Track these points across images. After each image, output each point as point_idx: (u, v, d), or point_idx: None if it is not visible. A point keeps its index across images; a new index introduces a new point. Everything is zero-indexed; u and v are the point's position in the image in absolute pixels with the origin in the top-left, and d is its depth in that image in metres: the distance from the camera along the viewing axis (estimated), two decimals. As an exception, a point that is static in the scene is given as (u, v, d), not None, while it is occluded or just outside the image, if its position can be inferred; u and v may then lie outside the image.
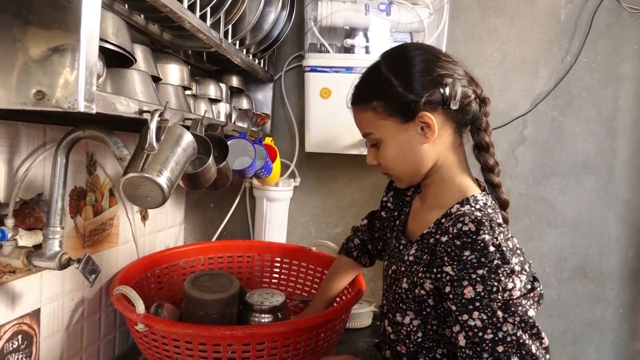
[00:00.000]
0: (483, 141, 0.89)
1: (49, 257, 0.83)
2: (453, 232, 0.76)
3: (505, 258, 0.74)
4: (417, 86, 0.85)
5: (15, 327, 0.91)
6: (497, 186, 0.89)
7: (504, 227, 0.79)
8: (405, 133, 0.87)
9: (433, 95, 0.85)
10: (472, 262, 0.74)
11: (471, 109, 0.88)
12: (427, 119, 0.85)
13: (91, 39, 0.58)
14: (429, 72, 0.85)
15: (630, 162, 1.67)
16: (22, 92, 0.58)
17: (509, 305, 0.73)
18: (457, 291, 0.74)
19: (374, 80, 0.90)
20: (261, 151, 1.31)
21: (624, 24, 1.64)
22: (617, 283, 1.71)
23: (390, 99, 0.86)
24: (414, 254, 0.87)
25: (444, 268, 0.76)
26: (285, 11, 1.45)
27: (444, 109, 0.86)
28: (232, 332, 0.92)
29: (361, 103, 0.91)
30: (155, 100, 0.89)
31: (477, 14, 1.67)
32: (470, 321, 0.73)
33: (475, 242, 0.74)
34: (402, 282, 0.87)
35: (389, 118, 0.87)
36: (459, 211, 0.83)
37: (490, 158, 0.89)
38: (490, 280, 0.73)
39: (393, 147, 0.89)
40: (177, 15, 0.84)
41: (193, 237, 1.77)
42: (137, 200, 0.76)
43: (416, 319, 0.85)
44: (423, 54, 0.88)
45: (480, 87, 0.91)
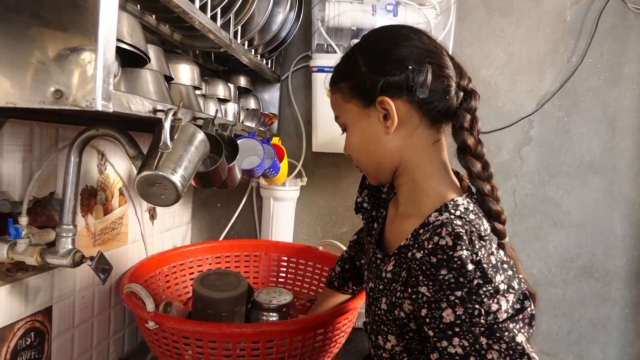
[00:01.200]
0: (464, 141, 0.75)
1: (62, 254, 0.84)
2: (429, 247, 0.66)
3: (487, 276, 0.64)
4: (382, 67, 0.76)
5: (28, 324, 0.92)
6: (487, 194, 0.75)
7: (487, 239, 0.68)
8: (367, 119, 0.79)
9: (395, 78, 0.75)
10: (449, 283, 0.64)
11: (446, 101, 0.76)
12: (386, 105, 0.75)
13: (109, 39, 0.58)
14: (398, 53, 0.76)
15: (636, 162, 1.67)
16: (40, 91, 0.59)
17: (493, 330, 0.63)
18: (435, 314, 0.65)
19: (345, 60, 0.83)
20: (269, 151, 1.32)
21: (629, 25, 1.64)
22: (623, 283, 1.71)
23: (353, 79, 0.79)
24: (391, 270, 0.76)
25: (420, 288, 0.66)
26: (293, 12, 1.46)
27: (409, 96, 0.75)
28: (242, 329, 0.93)
29: (332, 84, 0.85)
30: (168, 99, 0.90)
31: (484, 15, 1.67)
32: (450, 348, 0.64)
33: (452, 259, 0.64)
34: (381, 303, 0.77)
35: (351, 101, 0.80)
36: (437, 220, 0.71)
37: (476, 162, 0.76)
38: (471, 302, 0.63)
39: (356, 133, 0.81)
40: (189, 15, 0.85)
41: (200, 237, 1.78)
42: (151, 198, 0.76)
43: (398, 345, 0.76)
44: (399, 35, 0.78)
45: (468, 78, 0.79)
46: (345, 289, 1.16)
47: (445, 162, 0.80)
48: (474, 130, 0.76)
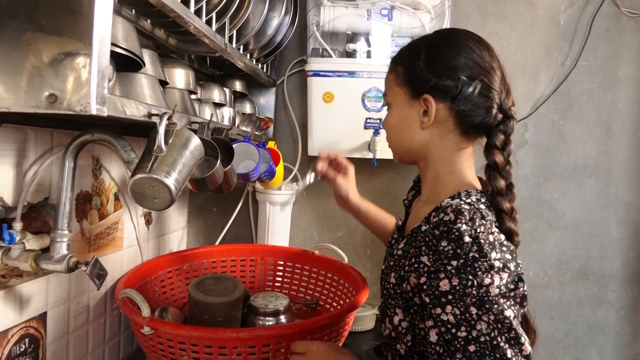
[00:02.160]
0: (493, 160, 0.81)
1: (57, 260, 0.84)
2: (433, 221, 0.74)
3: (483, 251, 0.69)
4: (437, 69, 0.82)
5: (22, 330, 0.91)
6: (505, 212, 0.78)
7: (489, 220, 0.74)
8: (409, 108, 0.86)
9: (445, 83, 0.81)
10: (447, 253, 0.70)
11: (484, 118, 0.82)
12: (428, 103, 0.83)
13: (103, 43, 0.58)
14: (455, 61, 0.82)
15: (631, 165, 1.68)
16: (34, 96, 0.59)
17: (483, 302, 0.68)
18: (433, 283, 0.70)
19: (410, 48, 0.90)
20: (265, 155, 1.32)
21: (622, 28, 1.66)
22: (619, 285, 1.71)
23: (410, 69, 0.86)
24: (402, 248, 0.84)
25: (421, 258, 0.73)
26: (289, 16, 1.46)
27: (451, 103, 0.82)
28: (238, 334, 0.93)
29: (392, 63, 0.92)
30: (163, 104, 0.90)
31: (478, 19, 1.68)
32: (443, 315, 0.69)
33: (451, 231, 0.70)
34: (391, 277, 0.84)
35: (402, 86, 0.87)
36: (447, 204, 0.78)
37: (500, 180, 0.80)
38: (466, 273, 0.68)
39: (396, 115, 0.90)
40: (184, 20, 0.85)
41: (196, 241, 1.78)
42: (144, 201, 0.76)
43: (404, 320, 0.81)
44: (465, 45, 0.83)
45: (512, 102, 0.84)
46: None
47: (468, 167, 0.87)
48: (505, 151, 0.82)
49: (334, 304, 1.37)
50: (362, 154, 1.55)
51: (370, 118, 1.51)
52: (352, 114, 1.51)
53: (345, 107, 1.51)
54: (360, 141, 1.52)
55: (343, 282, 1.35)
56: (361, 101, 1.50)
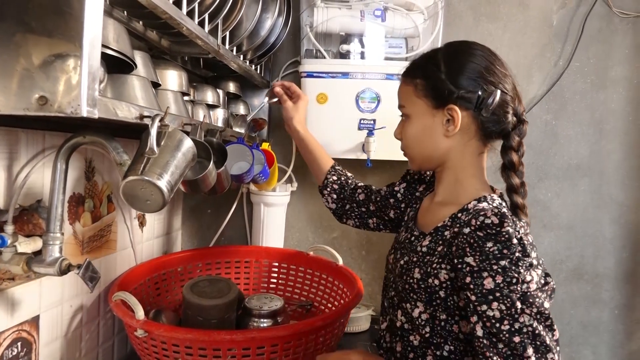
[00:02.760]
0: (510, 160, 0.89)
1: (49, 263, 0.83)
2: (476, 224, 0.78)
3: (526, 251, 0.76)
4: (460, 80, 0.88)
5: (15, 334, 0.91)
6: (520, 208, 0.87)
7: (525, 222, 0.85)
8: (432, 118, 0.91)
9: (469, 94, 0.87)
10: (494, 254, 0.75)
11: (503, 123, 0.89)
12: (454, 113, 0.88)
13: (94, 45, 0.58)
14: (476, 73, 0.88)
15: (623, 165, 1.69)
16: (24, 98, 0.58)
17: (526, 297, 0.74)
18: (478, 282, 0.76)
19: (427, 60, 0.94)
20: (259, 156, 1.32)
21: (615, 29, 1.67)
22: (613, 284, 1.72)
23: (431, 81, 0.91)
24: (427, 245, 0.89)
25: (466, 259, 0.78)
26: (282, 18, 1.46)
27: (474, 111, 0.88)
28: (232, 336, 0.93)
29: (408, 76, 0.96)
30: (155, 105, 0.89)
31: (471, 20, 1.69)
32: (489, 311, 0.75)
33: (500, 233, 0.76)
34: (414, 272, 0.88)
35: (423, 98, 0.92)
36: (477, 207, 0.85)
37: (516, 178, 0.89)
38: (511, 271, 0.75)
39: (417, 126, 0.94)
40: (177, 21, 0.84)
41: (191, 243, 1.77)
42: (137, 204, 0.76)
43: (425, 312, 0.86)
44: (480, 55, 0.90)
45: (523, 107, 0.92)
46: (328, 197, 1.26)
47: (484, 171, 0.94)
48: (519, 152, 0.90)
49: (328, 305, 1.37)
50: (357, 155, 1.55)
51: (364, 119, 1.51)
52: (346, 115, 1.51)
53: (339, 108, 1.51)
54: (355, 142, 1.52)
55: (338, 284, 1.35)
56: (355, 102, 1.50)
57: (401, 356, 0.91)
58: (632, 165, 1.69)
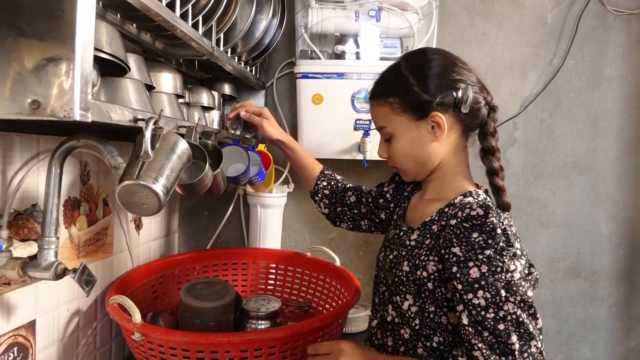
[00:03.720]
0: (490, 145, 0.94)
1: (45, 267, 0.83)
2: (462, 215, 0.82)
3: (510, 241, 0.80)
4: (432, 87, 0.91)
5: (11, 339, 0.90)
6: (501, 189, 0.93)
7: (508, 215, 0.88)
8: (417, 130, 0.94)
9: (446, 98, 0.91)
10: (479, 243, 0.79)
11: (480, 114, 0.94)
12: (438, 119, 0.91)
13: (86, 48, 0.58)
14: (445, 76, 0.92)
15: (619, 162, 1.69)
16: (17, 102, 0.58)
17: (510, 285, 0.77)
18: (464, 271, 0.79)
19: (393, 78, 0.97)
20: (255, 158, 1.31)
21: (609, 27, 1.67)
22: (610, 282, 1.72)
23: (406, 96, 0.93)
24: (415, 239, 0.92)
25: (452, 249, 0.81)
26: (276, 19, 1.46)
27: (454, 111, 0.92)
28: (229, 338, 0.92)
29: (379, 98, 0.98)
30: (150, 108, 0.89)
31: (466, 19, 1.69)
32: (475, 300, 0.78)
33: (485, 224, 0.79)
34: (403, 265, 0.91)
35: (403, 114, 0.94)
36: (463, 201, 0.89)
37: (496, 162, 0.94)
38: (496, 260, 0.78)
39: (404, 142, 0.96)
40: (170, 24, 0.84)
41: (187, 246, 1.77)
42: (132, 208, 0.75)
43: (414, 305, 0.89)
44: (441, 59, 0.94)
45: (491, 95, 0.97)
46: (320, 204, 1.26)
47: (468, 165, 0.99)
48: (495, 136, 0.95)
49: (326, 306, 1.37)
50: (353, 155, 1.55)
51: (360, 119, 1.51)
52: (341, 116, 1.51)
53: (335, 109, 1.51)
54: (350, 142, 1.52)
55: (335, 284, 1.35)
56: (351, 102, 1.50)
57: (392, 350, 0.93)
58: (627, 162, 1.69)
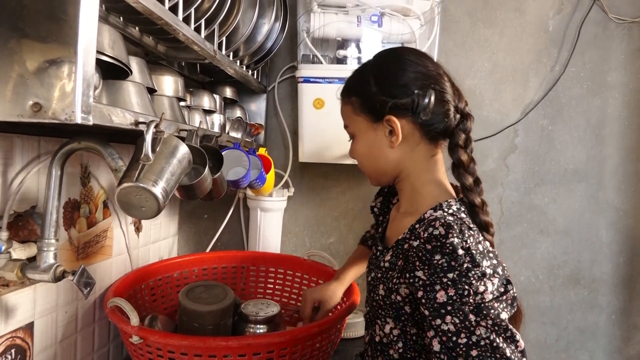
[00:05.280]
0: (458, 158, 0.86)
1: (44, 269, 0.83)
2: (424, 236, 0.75)
3: (475, 261, 0.73)
4: (391, 90, 0.86)
5: (9, 341, 0.90)
6: (478, 207, 0.84)
7: (475, 230, 0.79)
8: (374, 133, 0.89)
9: (402, 100, 0.85)
10: (442, 266, 0.73)
11: (445, 123, 0.86)
12: (392, 123, 0.86)
13: (88, 51, 0.58)
14: (408, 79, 0.85)
15: (620, 170, 1.69)
16: (18, 104, 0.58)
17: (480, 309, 0.71)
18: (430, 296, 0.73)
19: (358, 76, 0.93)
20: (255, 161, 1.31)
21: (610, 34, 1.67)
22: (609, 289, 1.72)
23: (364, 97, 0.89)
24: (389, 260, 0.87)
25: (416, 273, 0.75)
26: (279, 23, 1.47)
27: (413, 116, 0.85)
28: (227, 343, 0.92)
29: (344, 96, 0.95)
30: (151, 111, 0.89)
31: (468, 25, 1.69)
32: (444, 325, 0.72)
33: (444, 245, 0.73)
34: (379, 289, 0.87)
35: (361, 115, 0.90)
36: (431, 216, 0.82)
37: (468, 177, 0.85)
38: (461, 283, 0.72)
39: (363, 143, 0.92)
40: (172, 27, 0.84)
41: (187, 249, 1.77)
42: (132, 210, 0.75)
43: (395, 328, 0.85)
44: (410, 60, 0.87)
45: (465, 101, 0.89)
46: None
47: (441, 173, 0.91)
48: (467, 148, 0.87)
49: (325, 311, 1.37)
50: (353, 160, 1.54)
51: (361, 124, 1.51)
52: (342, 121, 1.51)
53: (336, 114, 1.48)
54: (351, 147, 1.52)
55: (334, 289, 1.34)
56: (352, 107, 1.50)
57: None
58: (628, 170, 1.69)
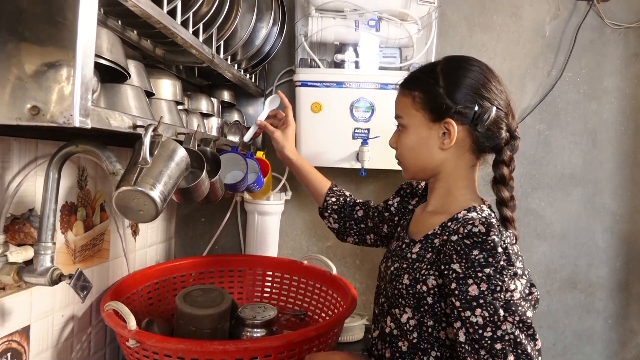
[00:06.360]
0: (502, 174, 0.91)
1: (40, 272, 0.83)
2: (463, 232, 0.80)
3: (511, 260, 0.78)
4: (457, 95, 0.90)
5: (5, 344, 0.90)
6: (509, 220, 0.89)
7: (511, 233, 0.86)
8: (428, 131, 0.93)
9: (466, 109, 0.89)
10: (479, 261, 0.78)
11: (497, 139, 0.92)
12: (450, 127, 0.90)
13: (87, 54, 0.58)
14: (474, 89, 0.90)
15: (616, 174, 1.70)
16: (16, 108, 0.58)
17: (509, 305, 0.76)
18: (463, 288, 0.78)
19: (426, 73, 0.96)
20: (253, 165, 1.31)
21: (606, 40, 1.68)
22: (606, 293, 1.72)
23: (430, 94, 0.92)
24: (417, 252, 0.91)
25: (452, 265, 0.80)
26: (277, 27, 1.47)
27: (470, 126, 0.90)
28: (224, 347, 0.92)
29: (406, 88, 0.97)
30: (149, 115, 0.89)
31: (465, 30, 1.70)
32: (473, 318, 0.77)
33: (485, 242, 0.78)
34: (403, 278, 0.90)
35: (421, 110, 0.93)
36: (466, 216, 0.88)
37: (506, 192, 0.90)
38: (495, 279, 0.76)
39: (413, 137, 0.95)
40: (171, 31, 0.85)
41: (184, 252, 1.77)
42: (129, 214, 0.75)
43: (413, 318, 0.88)
44: (477, 71, 0.92)
45: (516, 122, 0.94)
46: (329, 218, 1.25)
47: (475, 182, 0.96)
48: (510, 166, 0.92)
49: (322, 315, 1.37)
50: (351, 164, 1.55)
51: (359, 128, 1.51)
52: (340, 124, 1.51)
53: (334, 118, 1.51)
54: (349, 151, 1.53)
55: (332, 293, 1.35)
56: (349, 111, 1.50)
57: None
58: (624, 174, 1.70)
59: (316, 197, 1.28)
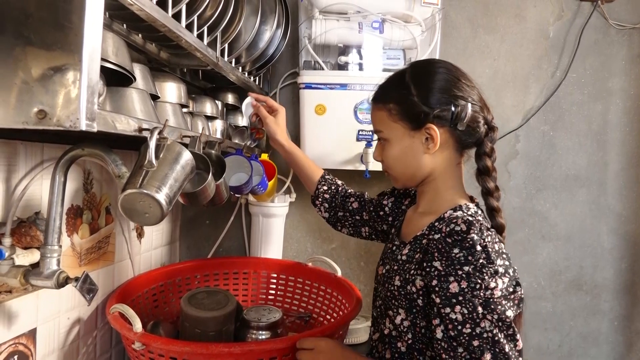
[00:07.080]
0: (485, 165, 0.93)
1: (47, 275, 0.83)
2: (445, 230, 0.83)
3: (490, 258, 0.79)
4: (432, 100, 0.91)
5: (12, 347, 0.90)
6: (495, 210, 0.92)
7: (492, 231, 0.86)
8: (411, 139, 0.94)
9: (444, 112, 0.90)
10: (459, 259, 0.79)
11: (477, 133, 0.93)
12: (432, 132, 0.91)
13: (93, 58, 0.58)
14: (446, 91, 0.91)
15: (621, 175, 1.69)
16: (23, 112, 0.58)
17: (489, 303, 0.77)
18: (444, 285, 0.79)
19: (396, 84, 0.97)
20: (257, 167, 1.32)
21: (611, 40, 1.68)
22: (612, 295, 1.72)
23: (405, 105, 0.93)
24: (406, 254, 0.92)
25: (434, 263, 0.82)
26: (280, 30, 1.47)
27: (450, 127, 0.92)
28: (230, 349, 0.92)
29: (379, 102, 0.98)
30: (154, 118, 0.90)
31: (469, 32, 1.70)
32: (452, 314, 0.78)
33: (465, 240, 0.80)
34: (395, 280, 0.91)
35: (399, 122, 0.94)
36: (451, 215, 0.89)
37: (490, 182, 0.93)
38: (475, 277, 0.78)
39: (397, 148, 0.96)
40: (175, 34, 0.85)
41: (189, 254, 1.77)
42: (135, 216, 0.76)
43: (406, 320, 0.89)
44: (445, 72, 0.93)
45: (492, 115, 0.96)
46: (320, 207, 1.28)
47: (461, 179, 0.98)
48: (492, 157, 0.94)
49: (327, 317, 1.37)
50: (355, 166, 1.55)
51: (363, 130, 1.51)
52: (344, 126, 1.51)
53: (338, 120, 1.52)
54: (353, 153, 1.53)
55: (336, 295, 1.35)
56: (353, 113, 1.50)
57: None
58: (629, 175, 1.69)
59: (308, 184, 1.30)
